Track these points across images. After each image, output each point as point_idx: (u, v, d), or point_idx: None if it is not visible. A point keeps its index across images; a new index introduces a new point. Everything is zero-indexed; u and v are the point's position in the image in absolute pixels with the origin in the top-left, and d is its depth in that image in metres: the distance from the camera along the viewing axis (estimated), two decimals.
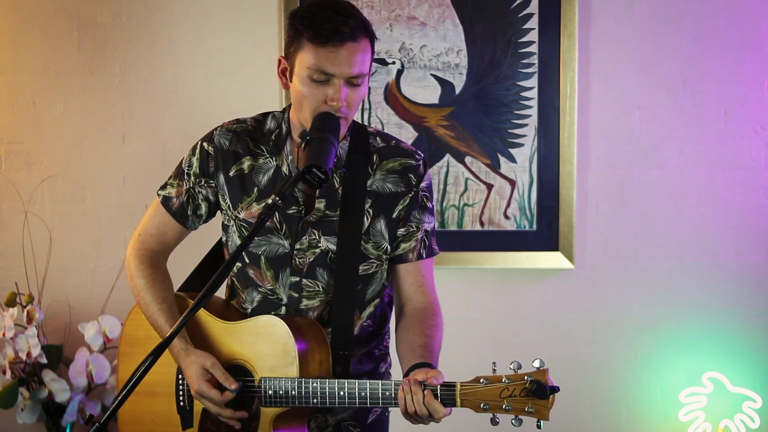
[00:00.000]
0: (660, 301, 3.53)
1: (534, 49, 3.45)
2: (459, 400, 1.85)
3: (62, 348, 3.38)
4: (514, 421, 1.83)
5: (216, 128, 2.19)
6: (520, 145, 3.48)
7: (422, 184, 2.15)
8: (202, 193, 2.18)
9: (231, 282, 2.25)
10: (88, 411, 3.27)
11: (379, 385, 1.94)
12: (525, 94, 3.47)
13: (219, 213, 2.23)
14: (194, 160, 2.17)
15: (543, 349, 3.53)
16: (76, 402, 3.24)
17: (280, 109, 2.21)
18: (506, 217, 3.50)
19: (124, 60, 3.53)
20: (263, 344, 2.05)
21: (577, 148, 3.46)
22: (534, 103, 3.46)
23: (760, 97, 3.47)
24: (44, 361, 3.24)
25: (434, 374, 1.87)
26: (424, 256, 2.16)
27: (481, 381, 1.83)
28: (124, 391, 1.72)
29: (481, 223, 3.51)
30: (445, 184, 3.49)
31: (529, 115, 3.47)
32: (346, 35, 1.94)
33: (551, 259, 3.48)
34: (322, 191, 2.10)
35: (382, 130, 3.35)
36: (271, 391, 2.02)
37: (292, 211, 2.11)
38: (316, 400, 1.98)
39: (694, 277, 3.53)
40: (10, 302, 3.31)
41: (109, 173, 3.56)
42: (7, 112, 3.55)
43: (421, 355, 1.98)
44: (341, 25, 1.94)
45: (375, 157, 2.13)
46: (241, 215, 2.14)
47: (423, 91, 3.48)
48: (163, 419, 2.17)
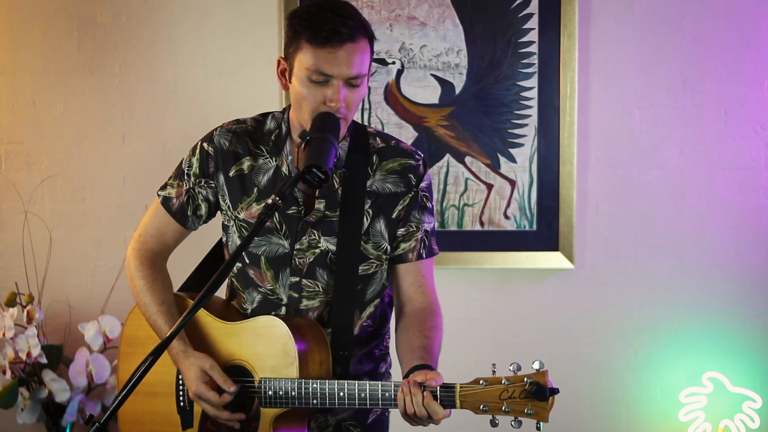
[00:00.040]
0: (660, 301, 3.53)
1: (534, 49, 3.45)
2: (458, 401, 1.84)
3: (62, 348, 3.38)
4: (513, 422, 1.83)
5: (216, 129, 2.19)
6: (520, 145, 3.48)
7: (422, 184, 2.15)
8: (202, 194, 2.18)
9: (231, 282, 2.25)
10: (88, 411, 3.27)
11: (379, 386, 1.94)
12: (525, 94, 3.46)
13: (219, 213, 2.23)
14: (194, 160, 2.17)
15: (543, 349, 3.53)
16: (76, 402, 3.24)
17: (279, 110, 2.21)
18: (506, 217, 3.50)
19: (124, 60, 3.53)
20: (263, 345, 2.05)
21: (577, 148, 3.46)
22: (534, 103, 3.46)
23: (760, 97, 3.47)
24: (44, 361, 3.24)
25: (433, 376, 1.86)
26: (424, 256, 2.16)
27: (481, 382, 1.83)
28: (124, 391, 1.72)
29: (481, 223, 3.51)
30: (445, 184, 3.49)
31: (529, 115, 3.47)
32: (345, 36, 1.94)
33: (551, 259, 3.48)
34: (322, 191, 2.10)
35: (382, 130, 3.36)
36: (271, 392, 2.02)
37: (291, 211, 2.11)
38: (316, 401, 1.98)
39: (694, 277, 3.53)
40: (10, 302, 3.31)
41: (109, 173, 3.56)
42: (7, 112, 3.55)
43: (421, 357, 1.98)
44: (340, 26, 1.93)
45: (375, 157, 2.13)
46: (241, 215, 2.14)
47: (423, 91, 3.48)
48: (164, 419, 2.18)
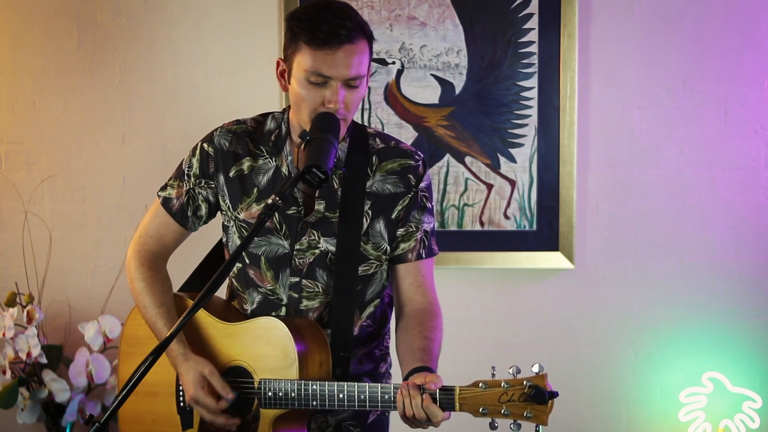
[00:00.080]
0: (660, 301, 3.53)
1: (534, 49, 3.45)
2: (458, 404, 1.84)
3: (62, 348, 3.38)
4: (512, 425, 1.82)
5: (216, 129, 2.19)
6: (520, 145, 3.48)
7: (421, 185, 2.14)
8: (202, 194, 2.18)
9: (231, 283, 2.25)
10: (88, 411, 3.27)
11: (378, 388, 1.93)
12: (525, 94, 3.46)
13: (219, 214, 2.23)
14: (194, 161, 2.18)
15: (543, 349, 3.53)
16: (76, 402, 3.24)
17: (280, 110, 2.21)
18: (506, 217, 3.50)
19: (124, 60, 3.53)
20: (263, 346, 2.05)
21: (577, 148, 3.46)
22: (534, 103, 3.46)
23: (760, 97, 3.46)
24: (44, 361, 3.24)
25: (433, 379, 1.86)
26: (424, 256, 2.15)
27: (480, 385, 1.83)
28: (124, 392, 1.72)
29: (481, 223, 3.50)
30: (445, 184, 3.49)
31: (529, 115, 3.47)
32: (343, 38, 1.94)
33: (551, 259, 3.48)
34: (322, 192, 2.10)
35: (382, 130, 3.36)
36: (271, 393, 2.01)
37: (291, 211, 2.11)
38: (316, 403, 1.98)
39: (694, 277, 3.53)
40: (10, 302, 3.31)
41: (109, 173, 3.56)
42: (7, 112, 3.55)
43: (421, 359, 1.98)
44: (338, 28, 1.93)
45: (374, 158, 2.13)
46: (241, 216, 2.14)
47: (423, 91, 3.48)
48: (164, 419, 2.17)
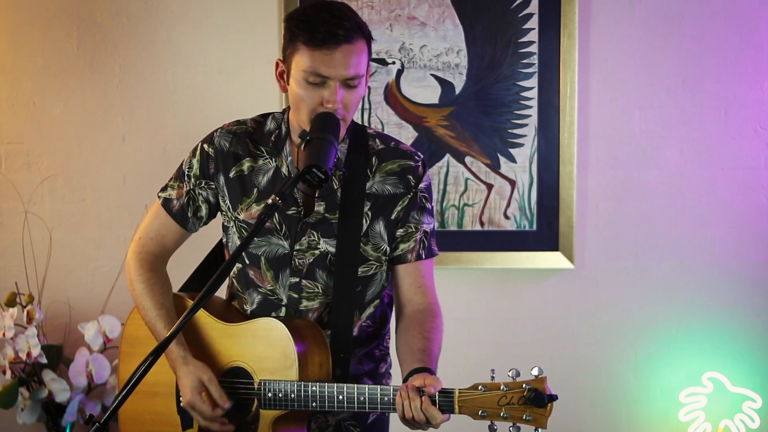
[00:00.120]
0: (660, 301, 3.53)
1: (534, 49, 3.45)
2: (457, 406, 1.84)
3: (62, 348, 3.38)
4: (512, 428, 1.83)
5: (216, 130, 2.19)
6: (520, 145, 3.47)
7: (421, 185, 2.14)
8: (203, 195, 2.18)
9: (231, 283, 2.25)
10: (88, 411, 3.27)
11: (378, 390, 1.93)
12: (525, 94, 3.46)
13: (219, 214, 2.23)
14: (194, 161, 2.18)
15: (543, 349, 3.53)
16: (76, 402, 3.24)
17: (280, 110, 2.21)
18: (506, 217, 3.50)
19: (124, 60, 3.53)
20: (263, 347, 2.05)
21: (577, 148, 3.46)
22: (534, 103, 3.46)
23: (760, 97, 3.46)
24: (44, 361, 3.24)
25: (432, 381, 1.86)
26: (423, 256, 2.15)
27: (480, 388, 1.83)
28: (124, 392, 1.72)
29: (481, 223, 3.50)
30: (445, 184, 3.49)
31: (529, 115, 3.47)
32: (341, 37, 1.94)
33: (551, 259, 3.48)
34: (322, 192, 2.10)
35: (382, 130, 3.37)
36: (271, 394, 2.01)
37: (291, 212, 2.11)
38: (315, 404, 1.98)
39: (694, 277, 3.53)
40: (10, 302, 3.31)
41: (109, 173, 3.56)
42: (7, 112, 3.55)
43: (420, 359, 1.98)
44: (336, 28, 1.94)
45: (374, 159, 2.13)
46: (241, 216, 2.14)
47: (423, 91, 3.48)
48: (164, 419, 2.18)
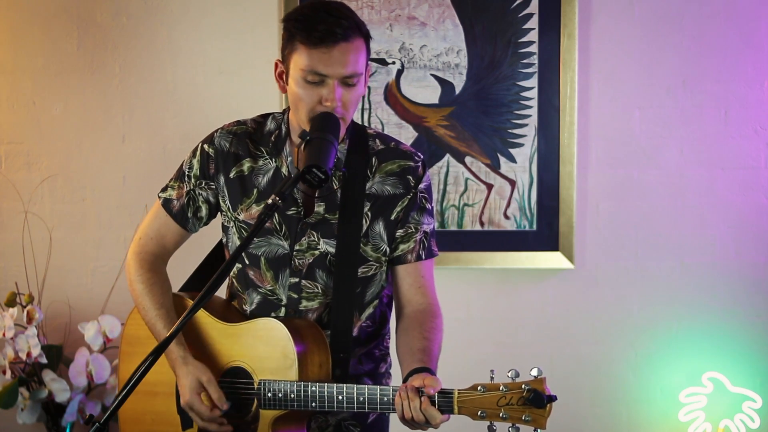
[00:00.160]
0: (660, 301, 3.53)
1: (534, 49, 3.45)
2: (456, 407, 1.84)
3: (62, 348, 3.38)
4: (511, 428, 1.83)
5: (216, 130, 2.19)
6: (520, 145, 3.47)
7: (421, 186, 2.14)
8: (203, 195, 2.19)
9: (231, 283, 2.25)
10: (88, 411, 3.28)
11: (378, 390, 1.94)
12: (525, 94, 3.46)
13: (219, 215, 2.23)
14: (195, 162, 2.18)
15: (543, 349, 3.53)
16: (76, 402, 3.24)
17: (280, 110, 2.21)
18: (506, 217, 3.50)
19: (124, 60, 3.53)
20: (263, 347, 2.05)
21: (577, 148, 3.46)
22: (534, 103, 3.46)
23: (760, 97, 3.46)
24: (44, 361, 3.24)
25: (431, 382, 1.86)
26: (423, 257, 2.15)
27: (479, 389, 1.83)
28: (124, 392, 1.72)
29: (481, 223, 3.50)
30: (445, 184, 3.49)
31: (529, 115, 3.47)
32: (339, 36, 1.95)
33: (551, 259, 3.48)
34: (321, 193, 2.10)
35: (382, 130, 3.37)
36: (270, 394, 2.02)
37: (291, 212, 2.11)
38: (315, 404, 1.98)
39: (694, 277, 3.52)
40: (10, 302, 3.31)
41: (109, 173, 3.56)
42: (7, 112, 3.55)
43: (420, 359, 1.98)
44: (333, 26, 1.95)
45: (374, 159, 2.13)
46: (241, 217, 2.14)
47: (423, 91, 3.48)
48: (163, 419, 2.18)
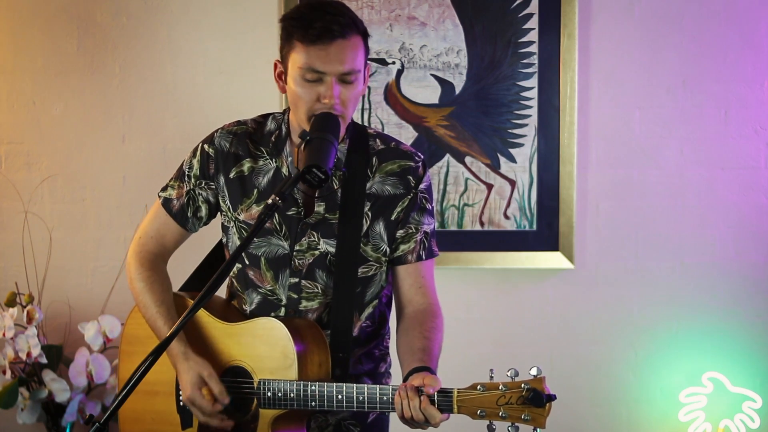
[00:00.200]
0: (660, 301, 3.53)
1: (534, 49, 3.45)
2: (456, 406, 1.84)
3: (62, 348, 3.38)
4: (510, 428, 1.83)
5: (217, 130, 2.19)
6: (520, 145, 3.48)
7: (421, 186, 2.14)
8: (203, 195, 2.19)
9: (230, 283, 2.25)
10: (88, 411, 3.27)
11: (377, 389, 1.94)
12: (525, 94, 3.46)
13: (219, 215, 2.23)
14: (195, 162, 2.18)
15: (543, 349, 3.53)
16: (76, 402, 3.24)
17: (280, 110, 2.21)
18: (506, 217, 3.50)
19: (124, 60, 3.53)
20: (262, 346, 2.05)
21: (577, 148, 3.46)
22: (534, 103, 3.46)
23: (760, 97, 3.46)
24: (44, 361, 3.23)
25: (430, 381, 1.86)
26: (424, 257, 2.15)
27: (478, 388, 1.83)
28: (124, 392, 1.72)
29: (481, 223, 3.50)
30: (445, 184, 3.49)
31: (529, 115, 3.47)
32: (336, 32, 1.96)
33: (551, 259, 3.48)
34: (322, 192, 2.10)
35: (382, 130, 3.37)
36: (270, 393, 2.02)
37: (291, 212, 2.11)
38: (315, 403, 1.98)
39: (694, 277, 3.53)
40: (10, 302, 3.31)
41: (109, 173, 3.55)
42: (7, 112, 3.55)
43: (420, 359, 1.98)
44: (331, 23, 1.96)
45: (374, 159, 2.13)
46: (241, 217, 2.14)
47: (423, 91, 3.48)
48: (163, 418, 2.18)
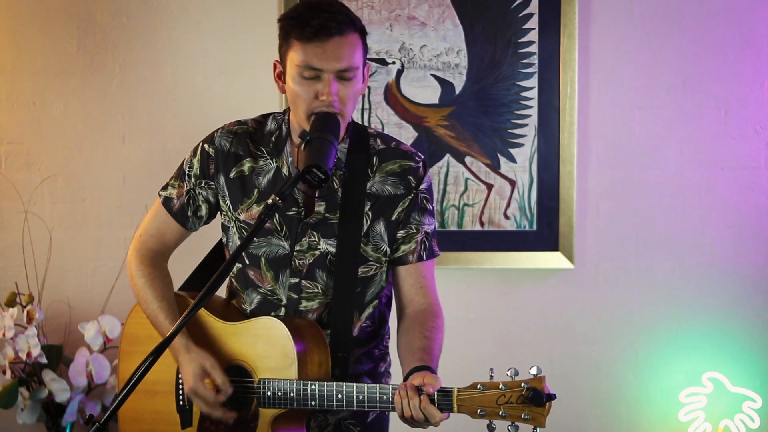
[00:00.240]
0: (660, 301, 3.53)
1: (534, 49, 3.45)
2: (456, 405, 1.85)
3: (62, 348, 3.38)
4: (510, 427, 1.83)
5: (217, 130, 2.19)
6: (520, 145, 3.48)
7: (422, 186, 2.15)
8: (203, 195, 2.19)
9: (230, 283, 2.25)
10: (88, 411, 3.27)
11: (377, 389, 1.94)
12: (525, 94, 3.46)
13: (219, 214, 2.23)
14: (195, 161, 2.18)
15: (543, 349, 3.53)
16: (76, 402, 3.24)
17: (280, 110, 2.21)
18: (506, 217, 3.50)
19: (124, 60, 3.53)
20: (263, 345, 2.05)
21: (577, 148, 3.46)
22: (534, 103, 3.46)
23: (760, 97, 3.47)
24: (44, 361, 3.24)
25: (430, 380, 1.86)
26: (425, 257, 2.16)
27: (478, 387, 1.83)
28: (124, 392, 1.72)
29: (481, 223, 3.50)
30: (445, 184, 3.49)
31: (529, 115, 3.47)
32: (333, 29, 1.96)
33: (551, 259, 3.48)
34: (322, 192, 2.11)
35: (382, 130, 3.37)
36: (270, 393, 2.02)
37: (292, 212, 2.12)
38: (315, 403, 1.98)
39: (694, 277, 3.53)
40: (10, 302, 3.31)
41: (109, 173, 3.56)
42: (7, 112, 3.55)
43: (421, 358, 1.98)
44: (327, 21, 1.96)
45: (375, 159, 2.13)
46: (241, 217, 2.14)
47: (423, 91, 3.48)
48: (163, 418, 2.18)
